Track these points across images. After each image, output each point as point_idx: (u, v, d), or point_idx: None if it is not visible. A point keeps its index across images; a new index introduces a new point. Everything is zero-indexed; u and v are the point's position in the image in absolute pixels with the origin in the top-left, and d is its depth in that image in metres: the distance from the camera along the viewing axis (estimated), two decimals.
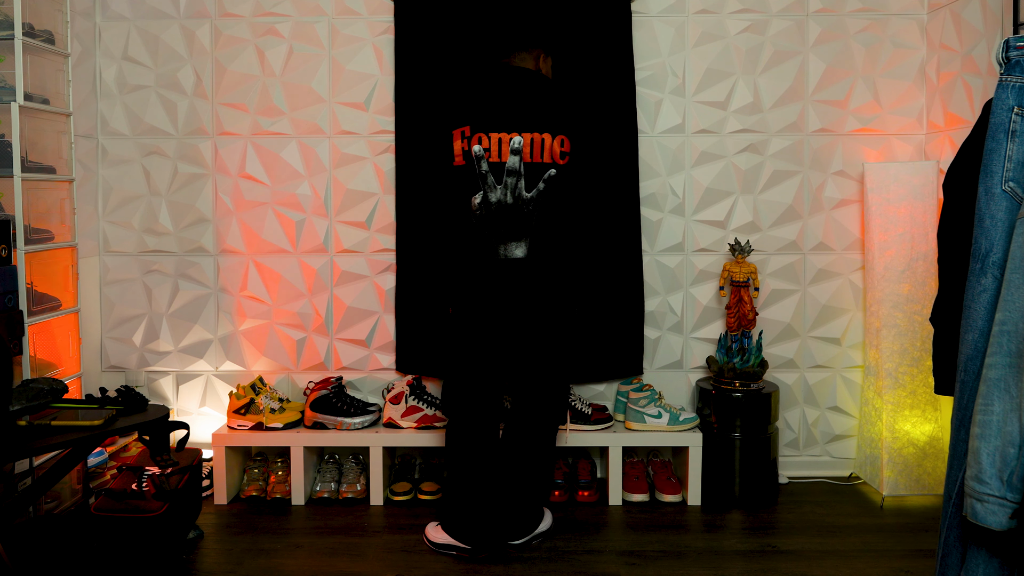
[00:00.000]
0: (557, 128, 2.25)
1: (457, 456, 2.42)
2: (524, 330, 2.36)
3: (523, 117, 2.25)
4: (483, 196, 2.22)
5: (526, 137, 2.23)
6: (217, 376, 3.06)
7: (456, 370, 2.43)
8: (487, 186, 2.20)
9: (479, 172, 2.20)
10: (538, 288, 2.30)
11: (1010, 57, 1.61)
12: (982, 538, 1.62)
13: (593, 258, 2.91)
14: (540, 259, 2.27)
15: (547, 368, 2.42)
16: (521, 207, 2.20)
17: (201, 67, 2.98)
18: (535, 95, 2.31)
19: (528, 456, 2.42)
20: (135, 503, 2.26)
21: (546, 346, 2.39)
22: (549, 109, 2.28)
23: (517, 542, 2.43)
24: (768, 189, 2.98)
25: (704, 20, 2.95)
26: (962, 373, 1.66)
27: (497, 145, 2.24)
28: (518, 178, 2.18)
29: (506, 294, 2.30)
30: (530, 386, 2.42)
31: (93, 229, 2.99)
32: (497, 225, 2.24)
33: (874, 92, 2.96)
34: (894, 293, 2.79)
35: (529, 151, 2.24)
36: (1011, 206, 1.58)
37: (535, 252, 2.26)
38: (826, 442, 3.05)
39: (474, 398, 2.41)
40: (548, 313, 2.34)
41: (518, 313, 2.32)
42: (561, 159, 2.26)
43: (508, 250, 2.26)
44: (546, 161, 2.24)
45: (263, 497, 2.80)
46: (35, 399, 1.98)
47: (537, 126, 2.24)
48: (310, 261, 3.01)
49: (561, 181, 2.25)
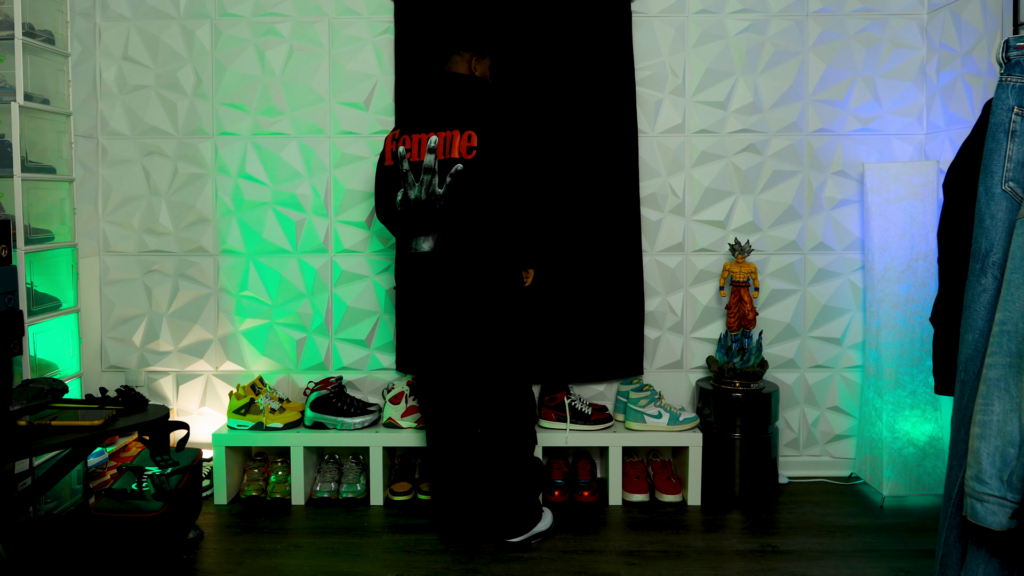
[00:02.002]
0: (466, 124, 2.35)
1: (428, 454, 2.57)
2: (448, 322, 2.43)
3: (439, 117, 2.38)
4: (403, 193, 2.41)
5: (441, 136, 2.35)
6: (217, 376, 3.07)
7: (415, 367, 2.58)
8: (406, 184, 2.40)
9: (400, 171, 2.41)
10: (447, 280, 2.37)
11: (1010, 57, 1.61)
12: (982, 538, 1.62)
13: (593, 258, 2.92)
14: (447, 252, 2.36)
15: (487, 361, 2.45)
16: (433, 202, 2.35)
17: (201, 67, 2.98)
18: (452, 96, 2.42)
19: (497, 453, 2.46)
20: (135, 503, 2.26)
21: (477, 339, 2.43)
22: (460, 107, 2.39)
23: (515, 540, 2.45)
24: (768, 189, 2.98)
25: (704, 20, 2.95)
26: (962, 373, 1.66)
27: (417, 145, 2.38)
28: (432, 175, 2.35)
29: (419, 287, 2.42)
30: (479, 381, 2.48)
31: (93, 229, 2.99)
32: (412, 220, 2.40)
33: (874, 92, 2.96)
34: (894, 293, 2.79)
35: (442, 148, 2.35)
36: (1011, 206, 1.58)
37: (442, 245, 2.36)
38: (826, 442, 3.05)
39: (430, 394, 2.52)
40: (466, 304, 2.39)
41: (435, 305, 2.42)
42: (468, 153, 2.34)
43: (418, 244, 2.40)
44: (454, 156, 2.34)
45: (263, 497, 2.80)
46: (35, 399, 1.98)
47: (449, 124, 2.36)
48: (310, 261, 3.01)
49: (468, 175, 2.34)
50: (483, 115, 2.35)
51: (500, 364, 2.44)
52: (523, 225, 2.42)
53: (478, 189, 2.34)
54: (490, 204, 2.36)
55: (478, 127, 2.33)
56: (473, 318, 2.39)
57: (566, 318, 2.93)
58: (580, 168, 2.90)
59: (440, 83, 2.45)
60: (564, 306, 2.92)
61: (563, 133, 2.88)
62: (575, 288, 2.91)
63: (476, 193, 2.33)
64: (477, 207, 2.35)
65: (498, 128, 2.34)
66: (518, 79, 2.87)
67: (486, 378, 2.45)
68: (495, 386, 2.46)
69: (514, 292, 2.45)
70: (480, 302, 2.38)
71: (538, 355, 2.92)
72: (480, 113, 2.36)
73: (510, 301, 2.43)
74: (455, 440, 2.50)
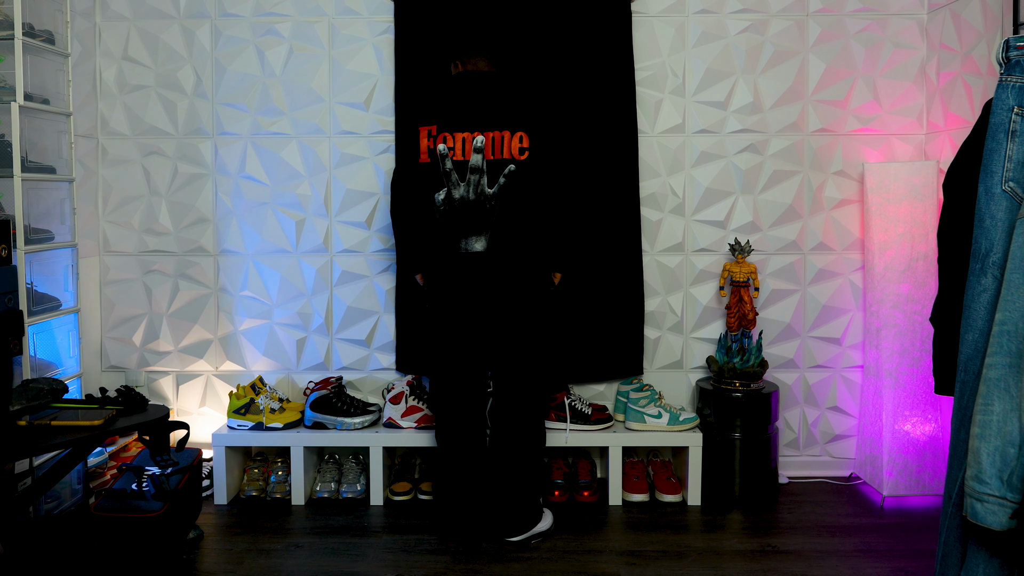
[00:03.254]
0: (516, 125, 2.36)
1: (439, 453, 2.52)
2: (492, 323, 2.42)
3: (485, 117, 2.37)
4: (447, 192, 2.35)
5: (488, 135, 2.35)
6: (217, 376, 3.06)
7: (436, 367, 2.51)
8: (450, 183, 2.35)
9: (443, 170, 2.34)
10: (500, 281, 2.38)
11: (1010, 57, 1.61)
12: (982, 538, 1.62)
13: (593, 258, 2.92)
14: (502, 252, 2.36)
15: (520, 363, 2.45)
16: (483, 202, 2.33)
17: (201, 67, 2.98)
18: (494, 95, 2.42)
19: (510, 453, 2.46)
20: (135, 503, 2.26)
21: (516, 340, 2.43)
22: (509, 107, 2.39)
23: (514, 539, 2.45)
24: (768, 189, 2.98)
25: (704, 20, 2.95)
26: (962, 373, 1.66)
27: (461, 144, 2.36)
28: (480, 175, 2.33)
29: (468, 287, 2.39)
30: (505, 382, 2.47)
31: (93, 229, 2.99)
32: (459, 219, 2.36)
33: (874, 92, 2.96)
34: (894, 293, 2.79)
35: (491, 148, 2.35)
36: (1011, 206, 1.58)
37: (496, 246, 2.36)
38: (826, 442, 3.05)
39: (455, 394, 2.48)
40: (514, 306, 2.40)
41: (482, 306, 2.40)
42: (520, 155, 2.35)
43: (469, 244, 2.36)
44: (505, 157, 2.35)
45: (263, 497, 2.80)
46: (35, 399, 1.98)
47: (497, 124, 2.36)
48: (310, 261, 3.01)
49: (521, 176, 2.36)
50: (534, 117, 2.38)
51: (534, 364, 2.46)
52: (564, 228, 2.45)
53: (531, 190, 2.36)
54: (541, 206, 2.38)
55: (530, 129, 2.35)
56: (519, 318, 2.41)
57: (566, 318, 2.93)
58: (580, 168, 2.90)
59: (470, 82, 2.43)
60: (564, 306, 2.92)
61: (563, 133, 2.88)
62: (575, 288, 2.91)
63: (529, 194, 2.36)
64: (531, 208, 2.38)
65: (549, 131, 2.38)
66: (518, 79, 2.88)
67: (519, 378, 2.45)
68: (526, 386, 2.46)
69: (550, 295, 2.49)
70: (528, 303, 2.41)
71: (564, 359, 2.94)
72: (531, 115, 2.38)
73: (548, 304, 2.47)
74: (468, 439, 2.49)
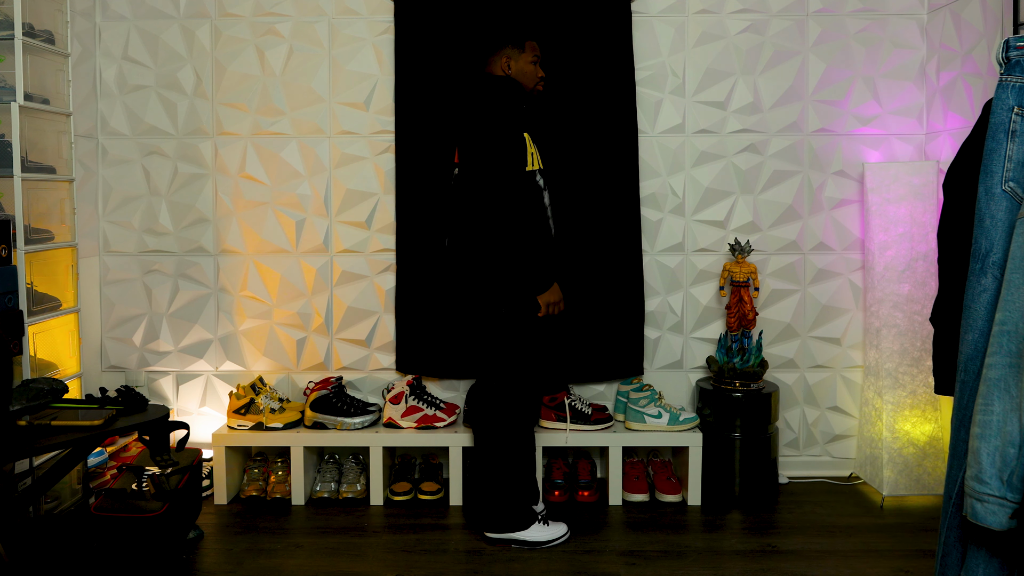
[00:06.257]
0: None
1: (526, 456, 2.51)
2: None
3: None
4: (548, 197, 2.47)
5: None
6: (217, 376, 3.06)
7: (526, 371, 2.49)
8: (545, 190, 2.47)
9: (541, 180, 2.46)
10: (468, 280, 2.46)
11: (1010, 57, 1.61)
12: (982, 538, 1.62)
13: (593, 258, 2.92)
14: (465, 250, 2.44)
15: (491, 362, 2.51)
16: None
17: (201, 67, 2.98)
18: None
19: (480, 454, 2.52)
20: (135, 503, 2.26)
21: (485, 341, 2.51)
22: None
23: (490, 535, 2.47)
24: (768, 189, 2.98)
25: (704, 20, 2.95)
26: (962, 373, 1.66)
27: (538, 151, 2.49)
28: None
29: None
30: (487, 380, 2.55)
31: (93, 229, 2.99)
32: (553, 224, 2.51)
33: (874, 92, 2.96)
34: (894, 293, 2.79)
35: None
36: (1011, 206, 1.58)
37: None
38: (826, 442, 3.05)
39: (533, 398, 2.59)
40: (481, 306, 2.48)
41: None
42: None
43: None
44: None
45: (263, 497, 2.80)
46: (35, 399, 1.98)
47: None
48: (310, 261, 3.01)
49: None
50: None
51: (499, 367, 2.48)
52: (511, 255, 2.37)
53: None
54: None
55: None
56: (487, 316, 2.49)
57: (566, 318, 2.92)
58: (580, 168, 2.90)
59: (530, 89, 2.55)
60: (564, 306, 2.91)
61: (563, 133, 2.88)
62: (575, 288, 2.91)
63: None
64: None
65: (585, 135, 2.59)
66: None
67: (490, 378, 2.50)
68: (494, 387, 2.49)
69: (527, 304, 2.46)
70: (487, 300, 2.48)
71: (564, 359, 2.93)
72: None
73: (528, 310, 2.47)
74: (474, 433, 2.63)
